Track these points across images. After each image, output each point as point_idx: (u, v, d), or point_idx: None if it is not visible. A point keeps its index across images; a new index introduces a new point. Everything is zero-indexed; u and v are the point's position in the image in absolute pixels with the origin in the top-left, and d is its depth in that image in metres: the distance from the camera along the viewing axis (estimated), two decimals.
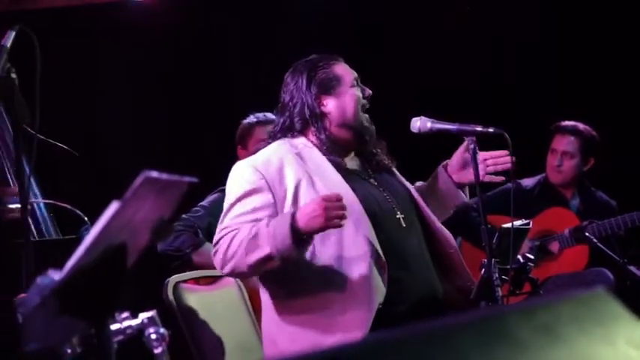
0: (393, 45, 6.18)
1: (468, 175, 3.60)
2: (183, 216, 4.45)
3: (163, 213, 2.30)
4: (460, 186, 3.65)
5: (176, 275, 3.82)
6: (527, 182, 5.29)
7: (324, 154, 3.45)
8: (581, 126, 5.19)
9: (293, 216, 3.15)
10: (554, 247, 5.16)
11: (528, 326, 1.43)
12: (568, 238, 5.07)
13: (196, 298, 3.79)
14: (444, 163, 3.68)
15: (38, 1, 5.91)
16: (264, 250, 3.19)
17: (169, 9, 5.89)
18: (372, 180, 3.53)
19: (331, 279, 3.30)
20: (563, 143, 5.17)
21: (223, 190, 4.15)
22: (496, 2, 6.15)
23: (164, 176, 2.11)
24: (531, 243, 5.12)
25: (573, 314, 1.51)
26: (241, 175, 3.40)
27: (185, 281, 3.84)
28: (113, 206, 2.04)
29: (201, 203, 4.55)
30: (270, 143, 3.54)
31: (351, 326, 3.24)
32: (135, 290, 2.50)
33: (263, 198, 3.34)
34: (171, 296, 3.75)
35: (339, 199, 3.12)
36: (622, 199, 5.28)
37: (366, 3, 6.16)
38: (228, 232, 3.28)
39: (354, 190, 3.39)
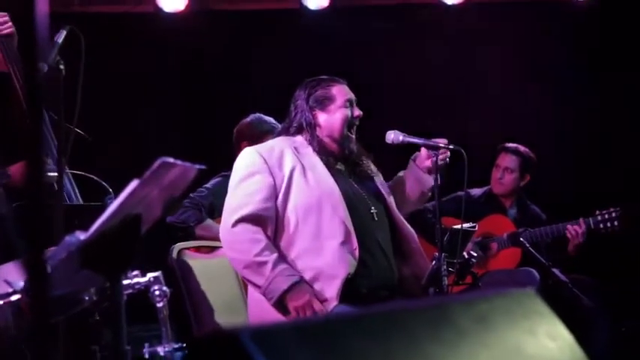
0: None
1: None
2: (190, 195, 4.43)
3: (174, 192, 2.30)
4: (428, 171, 3.64)
5: (180, 243, 3.81)
6: (476, 191, 5.32)
7: (316, 154, 3.47)
8: (521, 148, 5.26)
9: (292, 286, 3.22)
10: (493, 247, 5.19)
11: (468, 315, 1.43)
12: (505, 241, 5.12)
13: (196, 264, 3.77)
14: (414, 155, 3.70)
15: (87, 7, 5.86)
16: (257, 280, 3.28)
17: (197, 20, 5.83)
18: (352, 180, 3.54)
19: (308, 251, 3.34)
20: (506, 160, 5.24)
21: (225, 175, 4.16)
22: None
23: (178, 162, 2.11)
24: (474, 241, 5.13)
25: (506, 308, 1.51)
26: (248, 158, 3.44)
27: (188, 249, 3.82)
28: (133, 184, 2.04)
29: (206, 185, 4.54)
30: (276, 137, 3.61)
31: (323, 293, 3.25)
32: (145, 253, 2.47)
33: (264, 179, 3.37)
34: (175, 260, 3.74)
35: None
36: (550, 213, 5.28)
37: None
38: (247, 219, 3.31)
39: (336, 182, 3.42)
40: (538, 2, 6.23)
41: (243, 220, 3.30)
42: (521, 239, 4.87)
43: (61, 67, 3.03)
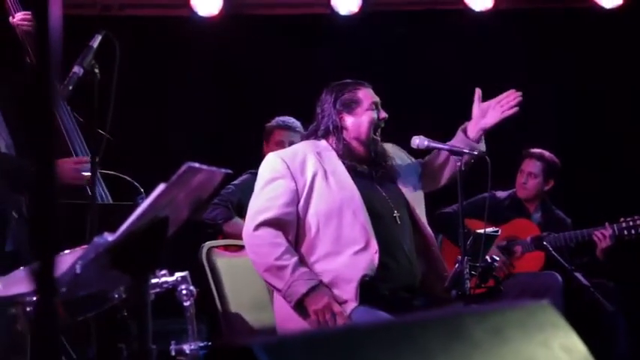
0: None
1: (489, 119, 3.58)
2: (227, 186, 4.46)
3: (202, 195, 2.29)
4: (482, 134, 3.61)
5: (210, 242, 3.81)
6: (501, 194, 5.28)
7: (339, 158, 3.43)
8: (546, 153, 5.21)
9: (310, 290, 3.21)
10: (518, 250, 5.15)
11: (482, 328, 1.40)
12: (529, 245, 5.08)
13: (224, 262, 3.77)
14: (463, 126, 3.66)
15: (126, 10, 5.88)
16: (277, 283, 3.28)
17: (229, 25, 5.83)
18: (375, 184, 3.51)
19: (327, 255, 3.31)
20: (530, 166, 5.20)
21: (252, 173, 4.17)
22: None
23: (204, 167, 2.10)
24: (499, 245, 5.10)
25: (520, 320, 1.48)
26: (272, 164, 3.42)
27: (217, 247, 3.82)
28: (160, 187, 2.03)
29: (234, 182, 4.56)
30: (301, 141, 3.60)
31: (342, 296, 3.24)
32: (174, 253, 2.47)
33: (286, 184, 3.35)
34: (204, 258, 3.74)
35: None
36: (576, 218, 5.24)
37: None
38: (269, 223, 3.30)
39: (358, 187, 3.39)
40: (560, 9, 6.16)
41: (264, 224, 3.29)
42: (545, 243, 4.87)
43: (96, 70, 3.03)
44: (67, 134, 3.31)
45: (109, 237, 2.08)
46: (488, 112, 3.59)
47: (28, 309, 2.34)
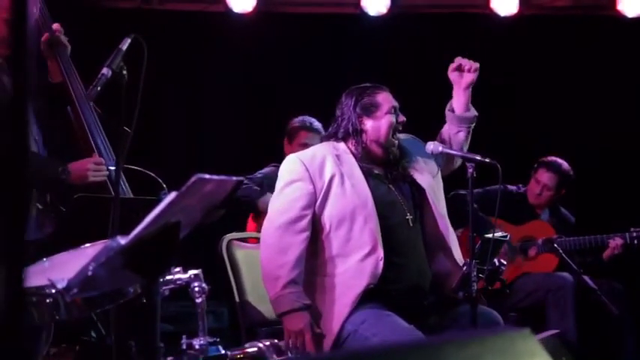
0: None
1: (463, 80, 3.61)
2: (249, 176, 4.51)
3: (214, 200, 2.29)
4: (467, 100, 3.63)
5: (229, 234, 3.82)
6: (512, 188, 5.29)
7: (357, 161, 3.43)
8: (563, 166, 5.18)
9: (292, 310, 3.20)
10: (533, 251, 5.16)
11: (460, 356, 1.38)
12: (541, 246, 5.08)
13: (243, 254, 3.78)
14: (449, 105, 3.68)
15: (165, 5, 5.90)
16: (268, 289, 3.28)
17: (263, 22, 5.83)
18: (390, 186, 3.49)
19: (335, 258, 3.31)
20: (545, 177, 5.18)
21: (275, 166, 4.19)
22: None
23: (214, 177, 2.09)
24: (514, 246, 5.14)
25: (498, 348, 1.46)
26: (292, 166, 3.40)
27: (236, 239, 3.83)
28: (171, 196, 2.02)
29: (259, 171, 4.60)
30: (321, 142, 3.56)
31: (341, 303, 3.24)
32: (187, 250, 2.49)
33: (305, 187, 3.33)
34: (224, 250, 3.75)
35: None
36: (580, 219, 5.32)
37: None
38: (287, 223, 3.29)
39: (372, 192, 3.37)
40: (583, 15, 6.09)
41: (283, 225, 3.29)
42: (555, 245, 4.86)
43: (124, 72, 3.04)
44: (90, 132, 3.34)
45: (122, 240, 2.10)
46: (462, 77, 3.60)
47: (47, 300, 2.36)
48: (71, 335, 3.53)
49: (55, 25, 3.36)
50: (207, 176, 2.05)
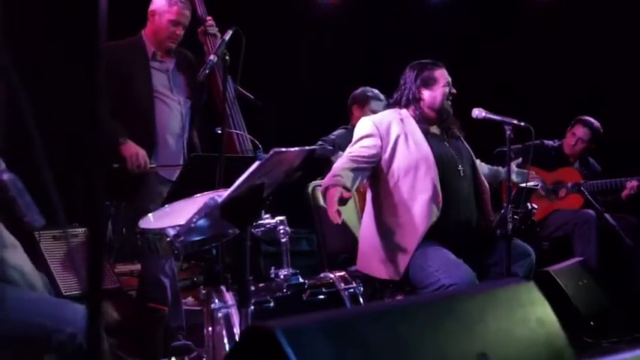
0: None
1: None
2: (323, 138, 4.46)
3: (294, 163, 2.29)
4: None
5: (314, 181, 3.85)
6: (549, 143, 5.19)
7: (417, 123, 3.39)
8: (595, 124, 5.08)
9: (330, 186, 3.11)
10: (563, 192, 5.06)
11: (470, 306, 1.37)
12: (570, 188, 4.97)
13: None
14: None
15: None
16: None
17: (348, 8, 5.70)
18: (445, 143, 3.45)
19: (403, 202, 3.28)
20: (581, 132, 5.09)
21: (343, 128, 4.16)
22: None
23: (290, 150, 2.10)
24: (547, 187, 5.05)
25: (504, 298, 1.44)
26: (366, 125, 3.40)
27: (319, 185, 3.85)
28: (254, 165, 2.05)
29: (332, 133, 4.57)
30: (387, 108, 3.54)
31: (409, 235, 3.21)
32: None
33: (375, 141, 3.33)
34: (310, 194, 3.79)
35: None
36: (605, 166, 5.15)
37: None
38: (353, 154, 3.29)
39: (431, 147, 3.34)
40: None
41: (350, 154, 3.30)
42: (582, 189, 4.79)
43: (227, 57, 3.06)
44: (236, 134, 3.39)
45: (219, 199, 2.14)
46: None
47: (167, 239, 2.41)
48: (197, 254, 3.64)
49: (209, 19, 3.43)
50: (283, 149, 2.06)
